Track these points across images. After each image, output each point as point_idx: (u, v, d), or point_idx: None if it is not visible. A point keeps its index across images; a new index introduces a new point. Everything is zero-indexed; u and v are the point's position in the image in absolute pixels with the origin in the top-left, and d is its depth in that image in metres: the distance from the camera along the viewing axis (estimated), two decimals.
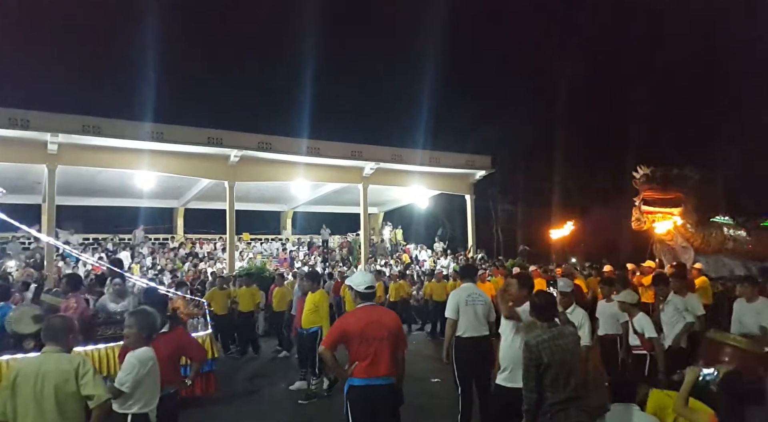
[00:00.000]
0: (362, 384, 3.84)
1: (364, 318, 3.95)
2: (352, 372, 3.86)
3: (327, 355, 3.87)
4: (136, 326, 3.63)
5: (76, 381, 3.06)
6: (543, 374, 3.53)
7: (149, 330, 3.69)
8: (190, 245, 20.83)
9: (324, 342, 3.98)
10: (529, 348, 3.61)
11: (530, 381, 3.57)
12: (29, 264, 14.97)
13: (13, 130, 13.58)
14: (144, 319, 3.70)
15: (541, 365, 3.53)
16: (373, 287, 4.18)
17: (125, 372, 3.48)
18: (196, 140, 16.07)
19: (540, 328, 3.77)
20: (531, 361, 3.57)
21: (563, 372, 3.53)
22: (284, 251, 22.14)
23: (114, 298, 6.84)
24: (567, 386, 3.53)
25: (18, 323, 5.77)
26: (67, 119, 14.48)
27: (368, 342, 3.85)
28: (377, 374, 3.84)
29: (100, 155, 15.04)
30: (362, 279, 4.15)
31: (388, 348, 3.89)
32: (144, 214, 21.92)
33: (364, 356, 3.84)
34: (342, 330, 3.93)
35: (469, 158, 21.29)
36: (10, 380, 3.04)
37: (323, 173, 18.70)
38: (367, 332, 3.87)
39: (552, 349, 3.55)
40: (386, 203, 25.72)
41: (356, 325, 3.90)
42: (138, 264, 17.33)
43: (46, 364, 3.08)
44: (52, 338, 3.22)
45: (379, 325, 3.93)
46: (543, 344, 3.58)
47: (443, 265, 20.40)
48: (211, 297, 10.68)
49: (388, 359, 3.89)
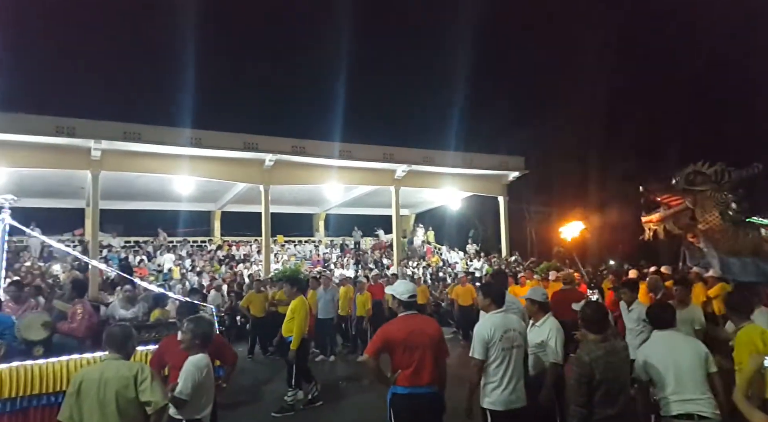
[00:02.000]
0: (406, 392, 3.86)
1: (407, 326, 3.96)
2: (396, 381, 3.88)
3: (371, 364, 3.87)
4: (191, 332, 3.75)
5: (135, 387, 3.19)
6: (594, 390, 3.45)
7: (203, 338, 3.80)
8: (227, 247, 21.24)
9: (367, 350, 3.97)
10: (582, 364, 3.50)
11: (581, 397, 3.48)
12: (74, 267, 15.47)
13: (59, 138, 14.13)
14: (199, 326, 3.81)
15: (593, 381, 3.44)
16: (416, 296, 4.20)
17: (184, 379, 3.58)
18: (232, 145, 16.43)
19: (593, 343, 3.62)
20: (582, 377, 3.47)
21: (614, 388, 3.47)
22: (317, 253, 22.37)
23: (124, 304, 6.94)
24: (616, 403, 3.46)
25: (28, 330, 5.83)
26: (109, 126, 14.98)
27: (411, 351, 3.86)
28: (421, 382, 3.85)
29: (140, 161, 15.53)
30: (405, 288, 4.16)
31: (430, 356, 3.91)
32: (182, 217, 22.47)
33: (407, 364, 3.85)
34: (385, 339, 3.93)
35: (503, 159, 21.13)
36: (76, 386, 3.17)
37: (355, 176, 18.85)
38: (410, 340, 3.88)
39: (605, 366, 3.46)
40: (418, 205, 25.73)
41: (399, 334, 3.91)
42: (178, 267, 17.77)
43: (108, 371, 3.22)
44: (113, 346, 3.35)
45: (421, 334, 3.94)
46: (597, 361, 3.47)
47: (476, 267, 20.29)
48: (249, 300, 10.87)
49: (431, 367, 3.90)
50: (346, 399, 7.72)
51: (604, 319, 3.80)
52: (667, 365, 3.60)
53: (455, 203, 24.03)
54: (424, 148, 19.94)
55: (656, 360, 3.65)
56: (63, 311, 6.30)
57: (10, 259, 16.08)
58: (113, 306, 7.02)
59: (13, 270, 15.04)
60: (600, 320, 3.72)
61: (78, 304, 6.47)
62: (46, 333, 5.82)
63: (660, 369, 3.61)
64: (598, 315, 3.75)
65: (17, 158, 14.09)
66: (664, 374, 3.59)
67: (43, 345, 5.75)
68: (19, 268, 15.25)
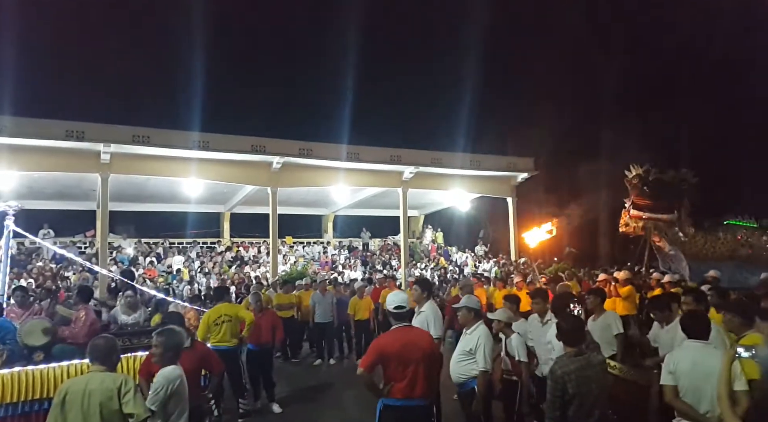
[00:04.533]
0: (399, 404, 3.84)
1: (400, 339, 3.93)
2: (388, 392, 3.86)
3: (365, 378, 3.83)
4: (162, 345, 3.76)
5: (119, 399, 3.24)
6: (567, 404, 3.42)
7: (175, 349, 3.82)
8: (236, 249, 21.39)
9: (362, 363, 3.93)
10: (554, 379, 3.47)
11: (554, 411, 3.46)
12: (85, 269, 15.68)
13: (69, 142, 14.32)
14: (170, 339, 3.83)
15: (566, 395, 3.41)
16: (404, 306, 4.14)
17: (153, 391, 3.61)
18: (240, 148, 16.53)
19: (566, 356, 3.59)
20: (556, 391, 3.44)
21: (587, 402, 3.43)
22: (325, 254, 22.44)
23: (126, 310, 7.03)
24: (590, 417, 3.43)
25: (29, 336, 5.94)
26: (118, 130, 15.15)
27: (405, 365, 3.83)
28: (413, 395, 3.84)
29: (149, 164, 15.69)
30: (392, 298, 4.14)
31: (423, 369, 3.89)
32: (192, 219, 22.69)
33: (400, 378, 3.83)
34: (380, 352, 3.90)
35: (511, 160, 21.01)
36: (60, 397, 3.23)
37: (363, 178, 18.88)
38: (404, 354, 3.86)
39: (578, 381, 3.42)
40: (426, 206, 25.68)
41: (393, 347, 3.88)
42: (187, 268, 17.95)
43: (92, 383, 3.27)
44: (97, 358, 3.40)
45: (414, 347, 3.91)
46: (569, 375, 3.44)
47: (485, 269, 20.22)
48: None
49: (424, 381, 3.89)
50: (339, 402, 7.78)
51: (580, 332, 3.76)
52: (690, 376, 3.50)
53: (464, 204, 23.96)
54: (432, 150, 19.90)
55: (682, 369, 3.54)
56: (66, 316, 6.41)
57: (24, 261, 16.47)
58: (115, 311, 7.11)
59: (26, 271, 15.35)
60: (575, 332, 3.68)
61: (82, 310, 6.59)
62: (46, 338, 5.92)
63: (683, 377, 3.51)
64: (575, 327, 3.71)
65: (29, 162, 14.32)
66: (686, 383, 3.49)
67: (43, 351, 5.85)
68: (32, 269, 15.53)
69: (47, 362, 5.96)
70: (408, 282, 16.68)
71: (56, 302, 8.19)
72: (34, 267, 15.84)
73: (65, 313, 6.46)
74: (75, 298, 7.18)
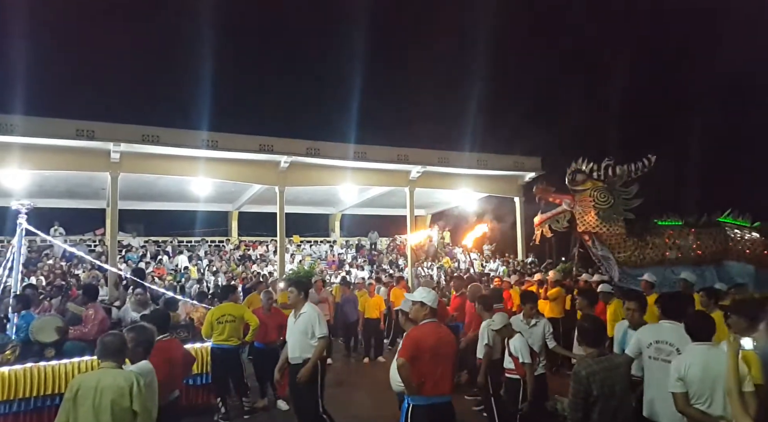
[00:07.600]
0: (428, 403, 3.81)
1: (434, 333, 3.92)
2: (419, 390, 3.80)
3: (407, 369, 3.76)
4: (133, 341, 3.81)
5: (130, 396, 3.31)
6: (591, 406, 3.32)
7: (145, 345, 3.89)
8: (243, 247, 21.51)
9: (402, 354, 3.86)
10: (579, 379, 3.36)
11: (577, 413, 3.37)
12: (95, 267, 15.84)
13: (79, 141, 14.48)
14: (142, 334, 3.90)
15: (590, 397, 3.31)
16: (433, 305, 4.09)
17: None
18: (248, 147, 16.63)
19: (590, 357, 3.47)
20: (579, 393, 3.34)
21: (612, 404, 3.34)
22: (333, 253, 22.51)
23: (136, 307, 7.15)
24: (615, 419, 3.35)
25: (40, 332, 6.06)
26: (128, 129, 15.29)
27: (436, 361, 3.83)
28: (440, 392, 3.85)
29: (158, 163, 15.83)
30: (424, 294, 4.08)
31: (450, 366, 3.93)
32: (201, 217, 22.83)
33: (432, 373, 3.81)
34: (416, 345, 3.84)
35: (518, 160, 20.96)
36: (72, 392, 3.29)
37: (370, 177, 18.92)
38: (438, 348, 3.86)
39: (603, 381, 3.32)
40: (433, 205, 25.68)
41: (428, 341, 3.85)
42: (195, 266, 18.08)
43: (105, 379, 3.33)
44: (108, 355, 3.47)
45: (445, 343, 3.94)
46: (594, 376, 3.33)
47: (492, 268, 20.20)
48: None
49: (450, 377, 3.94)
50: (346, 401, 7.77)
51: (601, 333, 3.68)
52: (702, 379, 3.40)
53: (471, 203, 23.92)
54: (439, 149, 19.90)
55: (693, 374, 3.42)
56: (77, 314, 6.51)
57: (34, 259, 16.66)
58: (125, 309, 7.23)
59: (37, 268, 15.53)
60: (597, 333, 3.61)
61: (90, 308, 6.69)
62: (57, 336, 6.02)
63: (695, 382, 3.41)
64: (596, 328, 3.64)
65: (40, 161, 14.50)
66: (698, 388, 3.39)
67: (54, 348, 5.95)
68: (42, 267, 15.71)
69: (58, 358, 6.06)
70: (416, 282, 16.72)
71: (68, 299, 8.29)
72: (44, 265, 16.02)
73: (76, 310, 6.56)
74: (82, 297, 7.27)
